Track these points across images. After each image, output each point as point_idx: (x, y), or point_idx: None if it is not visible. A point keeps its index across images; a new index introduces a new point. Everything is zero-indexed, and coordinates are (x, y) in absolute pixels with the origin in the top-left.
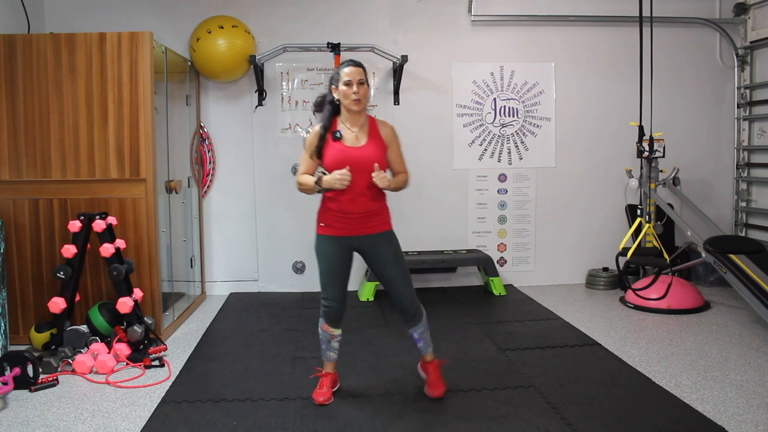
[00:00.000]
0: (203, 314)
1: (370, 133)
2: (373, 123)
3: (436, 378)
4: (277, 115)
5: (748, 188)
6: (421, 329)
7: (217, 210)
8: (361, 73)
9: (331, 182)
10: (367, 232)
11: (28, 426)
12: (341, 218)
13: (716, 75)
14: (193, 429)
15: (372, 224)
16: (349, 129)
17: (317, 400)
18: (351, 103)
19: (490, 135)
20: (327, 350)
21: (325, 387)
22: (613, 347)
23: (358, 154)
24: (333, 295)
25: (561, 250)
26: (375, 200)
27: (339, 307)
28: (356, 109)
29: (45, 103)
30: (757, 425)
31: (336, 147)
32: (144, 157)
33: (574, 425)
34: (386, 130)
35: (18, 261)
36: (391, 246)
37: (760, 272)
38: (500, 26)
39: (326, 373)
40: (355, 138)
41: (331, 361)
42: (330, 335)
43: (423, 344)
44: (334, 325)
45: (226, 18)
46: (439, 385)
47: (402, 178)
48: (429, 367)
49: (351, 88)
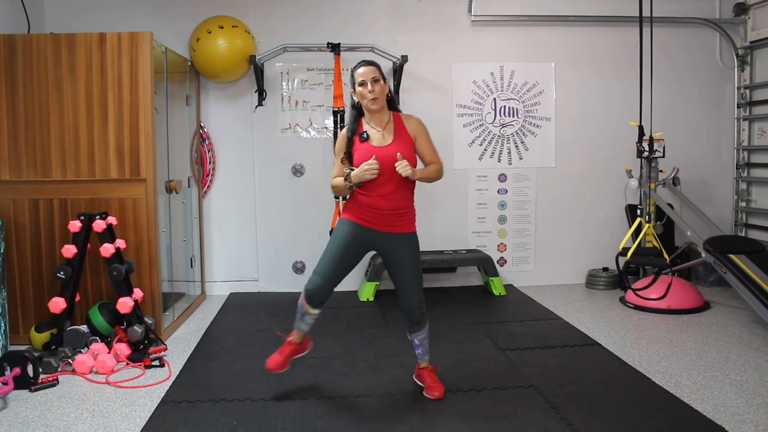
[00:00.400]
0: (203, 314)
1: (395, 129)
2: (398, 119)
3: (434, 380)
4: (277, 115)
5: (748, 188)
6: (423, 335)
7: (217, 210)
8: (374, 71)
9: (360, 175)
10: (391, 230)
11: (28, 426)
12: (370, 212)
13: (716, 75)
14: (193, 429)
15: (398, 223)
16: (375, 128)
17: (268, 364)
18: (369, 102)
19: (490, 135)
20: (299, 321)
21: (283, 354)
22: (613, 347)
23: (385, 152)
24: (326, 272)
25: (561, 250)
26: (403, 198)
27: (323, 286)
28: (374, 108)
29: (45, 103)
30: (757, 425)
31: (363, 147)
32: (144, 157)
33: (574, 425)
34: (412, 123)
35: (18, 261)
36: (412, 249)
37: (760, 272)
38: (500, 26)
39: (290, 341)
40: (382, 137)
41: (301, 332)
42: (305, 310)
43: (422, 351)
44: (313, 304)
45: (226, 18)
46: (438, 386)
47: (433, 168)
48: (425, 373)
49: (366, 87)
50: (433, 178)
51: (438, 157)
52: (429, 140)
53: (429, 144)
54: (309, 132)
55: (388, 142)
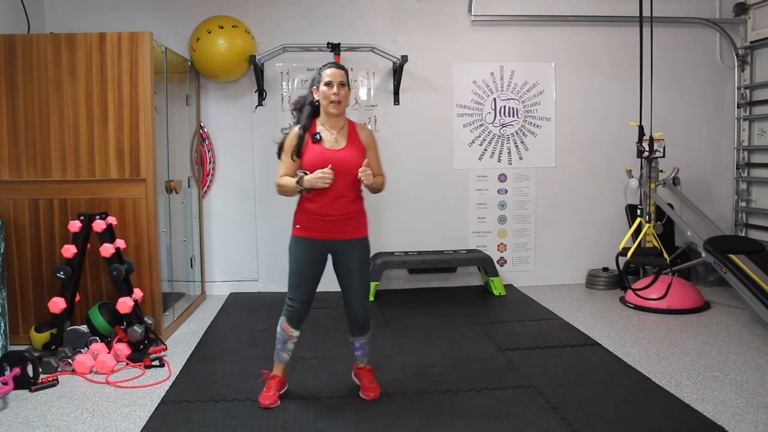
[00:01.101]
0: (203, 314)
1: (349, 136)
2: (353, 126)
3: (370, 381)
4: (277, 115)
5: (748, 188)
6: (365, 340)
7: (217, 210)
8: (342, 75)
9: (312, 181)
10: (342, 236)
11: (28, 426)
12: (318, 220)
13: (716, 75)
14: (193, 429)
15: (348, 228)
16: (329, 131)
17: (263, 403)
18: (330, 104)
19: (490, 135)
20: (281, 350)
21: (272, 390)
22: (613, 347)
23: (337, 156)
24: (299, 296)
25: (561, 250)
26: (353, 203)
27: (303, 308)
28: (335, 112)
29: (45, 103)
30: (757, 425)
31: (315, 149)
32: (144, 157)
33: (574, 425)
34: (365, 134)
35: (18, 261)
36: (361, 254)
37: (760, 272)
38: (500, 26)
39: (274, 375)
40: (335, 140)
41: (282, 363)
42: (288, 335)
43: (361, 353)
44: (295, 325)
45: (226, 18)
46: (374, 387)
47: (380, 180)
48: (362, 373)
49: (331, 89)
50: (379, 190)
51: (383, 171)
52: (378, 154)
53: (377, 157)
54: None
55: (341, 146)
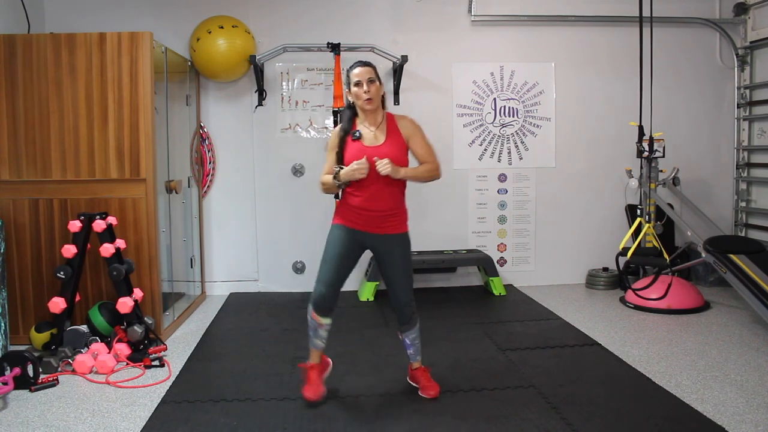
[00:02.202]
0: (203, 314)
1: (388, 130)
2: (391, 119)
3: (428, 380)
4: (277, 115)
5: (748, 188)
6: (414, 335)
7: (217, 210)
8: (369, 72)
9: (349, 173)
10: (383, 231)
11: (28, 426)
12: (360, 214)
13: (716, 75)
14: (193, 429)
15: (389, 224)
16: (368, 128)
17: (306, 396)
18: (363, 102)
19: (490, 135)
20: (314, 338)
21: (312, 382)
22: (613, 347)
23: (376, 152)
24: (328, 279)
25: (561, 250)
26: (393, 199)
27: (330, 295)
28: (369, 108)
29: (45, 103)
30: (757, 425)
31: (355, 146)
32: (144, 157)
33: (574, 425)
34: (405, 124)
35: (18, 261)
36: (403, 249)
37: (760, 272)
38: (500, 26)
39: (312, 365)
40: (374, 137)
41: (318, 350)
42: (317, 323)
43: (413, 351)
44: (323, 313)
45: (226, 18)
46: (433, 386)
47: (426, 167)
48: (418, 373)
49: (361, 88)
50: (426, 178)
51: (433, 157)
52: (423, 140)
53: (423, 143)
54: (309, 132)
55: (380, 142)
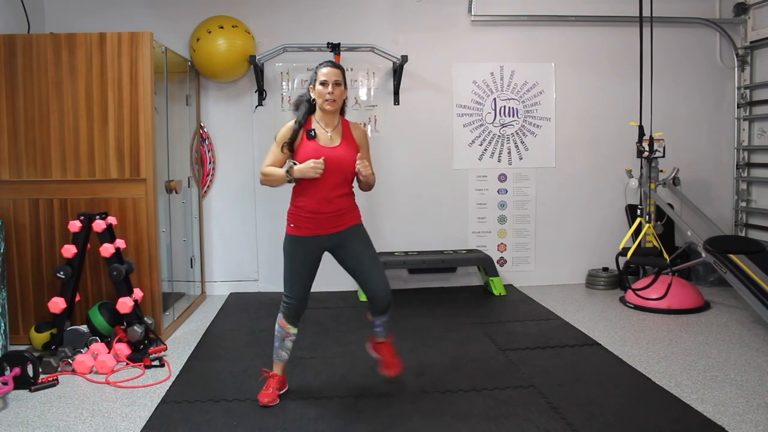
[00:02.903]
0: (203, 314)
1: (343, 134)
2: (347, 125)
3: (390, 356)
4: (277, 115)
5: (748, 188)
6: (386, 318)
7: (217, 210)
8: (338, 74)
9: (304, 170)
10: (337, 229)
11: (28, 426)
12: (311, 218)
13: (716, 75)
14: (193, 429)
15: (342, 221)
16: (323, 128)
17: (261, 401)
18: (324, 102)
19: (490, 135)
20: (280, 348)
21: (271, 388)
22: (613, 347)
23: (332, 153)
24: (296, 294)
25: (561, 250)
26: (346, 199)
27: (300, 306)
28: (329, 109)
29: (45, 103)
30: (757, 425)
31: (310, 145)
32: (144, 157)
33: (574, 425)
34: (359, 133)
35: (18, 261)
36: (363, 238)
37: (760, 272)
38: (500, 26)
39: (273, 374)
40: (329, 138)
41: (282, 361)
42: (285, 332)
43: (382, 330)
44: (292, 322)
45: (226, 18)
46: (395, 363)
47: (372, 178)
48: (382, 347)
49: (326, 88)
50: (370, 187)
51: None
52: (369, 152)
53: (369, 156)
54: None
55: (335, 144)
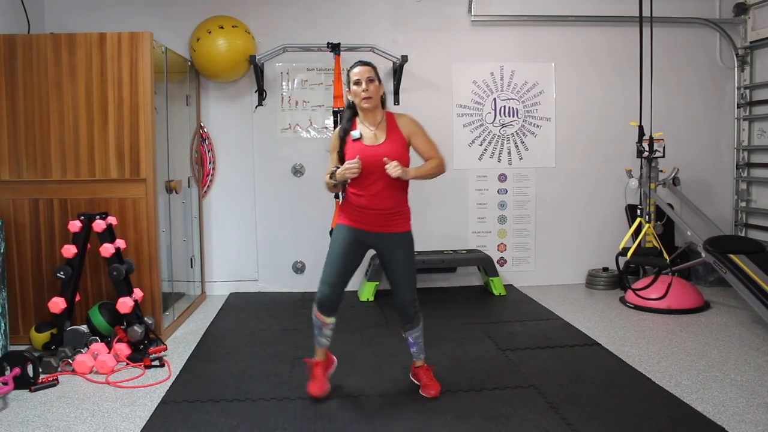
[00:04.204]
0: (203, 314)
1: (388, 129)
2: (391, 118)
3: (430, 379)
4: (277, 115)
5: (748, 188)
6: (417, 333)
7: (217, 210)
8: (369, 71)
9: (341, 173)
10: (386, 230)
11: (28, 426)
12: (363, 213)
13: (716, 75)
14: (193, 429)
15: (391, 223)
16: (368, 128)
17: (311, 391)
18: (362, 101)
19: (490, 135)
20: (319, 336)
21: (317, 378)
22: (613, 347)
23: (377, 151)
24: (331, 279)
25: (561, 250)
26: (395, 198)
27: (331, 293)
28: (367, 107)
29: (45, 103)
30: (757, 425)
31: (355, 147)
32: (144, 157)
33: (574, 425)
34: (404, 122)
35: (18, 261)
36: (406, 248)
37: (760, 272)
38: (500, 26)
39: (317, 362)
40: (374, 136)
41: (323, 347)
42: (321, 322)
43: (416, 349)
44: (326, 312)
45: (226, 18)
46: (435, 385)
47: (432, 163)
48: (421, 372)
49: (360, 86)
50: (433, 174)
51: (437, 152)
52: (425, 136)
53: (425, 140)
54: (309, 132)
55: (380, 141)
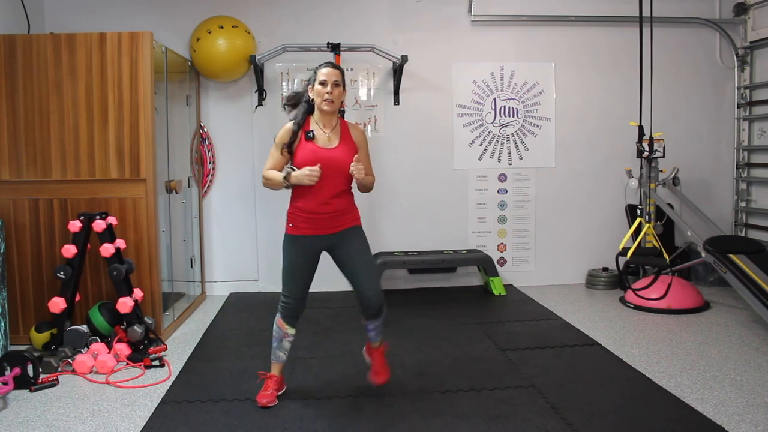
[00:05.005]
0: (203, 314)
1: (342, 135)
2: (345, 126)
3: (381, 364)
4: (277, 115)
5: (748, 188)
6: (378, 322)
7: (217, 210)
8: (337, 75)
9: (300, 177)
10: (335, 230)
11: (28, 426)
12: (310, 218)
13: (716, 75)
14: (193, 429)
15: (340, 222)
16: (322, 130)
17: (260, 402)
18: (323, 102)
19: (490, 135)
20: (278, 349)
21: (269, 389)
22: (613, 347)
23: (330, 155)
24: (293, 293)
25: (561, 250)
26: (344, 200)
27: (297, 305)
28: (327, 109)
29: (45, 103)
30: (757, 425)
31: (308, 147)
32: (144, 157)
33: (574, 425)
34: (357, 134)
35: (18, 261)
36: (359, 239)
37: (760, 272)
38: (500, 26)
39: (271, 375)
40: (327, 139)
41: (279, 362)
42: (283, 333)
43: (375, 334)
44: (290, 322)
45: (226, 18)
46: (384, 372)
47: (370, 179)
48: (375, 353)
49: (325, 87)
50: (368, 188)
51: (372, 171)
52: (368, 153)
53: (368, 158)
54: None
55: (333, 145)
